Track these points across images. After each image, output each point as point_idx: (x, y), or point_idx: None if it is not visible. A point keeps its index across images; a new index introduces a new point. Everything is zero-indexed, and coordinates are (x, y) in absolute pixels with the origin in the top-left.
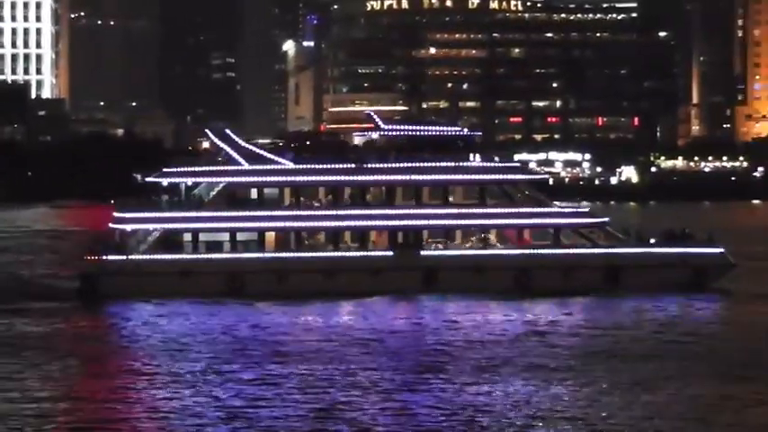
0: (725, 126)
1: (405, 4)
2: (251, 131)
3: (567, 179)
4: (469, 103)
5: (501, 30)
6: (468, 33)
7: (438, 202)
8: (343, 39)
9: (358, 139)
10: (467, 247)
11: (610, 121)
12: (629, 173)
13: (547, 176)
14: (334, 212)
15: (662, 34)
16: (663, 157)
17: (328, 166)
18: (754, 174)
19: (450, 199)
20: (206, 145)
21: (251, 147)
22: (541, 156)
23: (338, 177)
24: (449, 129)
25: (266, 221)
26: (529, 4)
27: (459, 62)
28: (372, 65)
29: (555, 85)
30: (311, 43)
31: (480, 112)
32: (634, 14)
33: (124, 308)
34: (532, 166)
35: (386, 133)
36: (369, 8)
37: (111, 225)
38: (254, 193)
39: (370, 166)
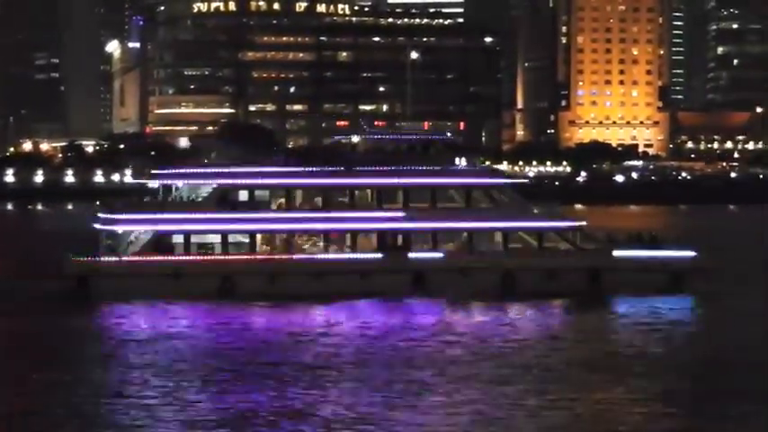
0: (549, 131)
1: (232, 7)
2: (76, 133)
3: None
4: (297, 107)
5: (328, 33)
6: (296, 36)
7: (426, 206)
8: (169, 40)
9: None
10: (454, 249)
11: (435, 125)
12: None
13: (527, 180)
14: (324, 215)
15: (488, 40)
16: (488, 162)
17: (318, 169)
18: (577, 178)
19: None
20: (28, 146)
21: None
22: None
23: (328, 180)
24: (433, 134)
25: (257, 223)
26: (356, 7)
27: (287, 65)
28: (199, 67)
29: (382, 88)
30: (137, 44)
31: (307, 116)
32: (460, 20)
33: (120, 309)
34: None
35: (370, 137)
36: (195, 10)
37: (98, 226)
38: (244, 195)
39: (359, 169)
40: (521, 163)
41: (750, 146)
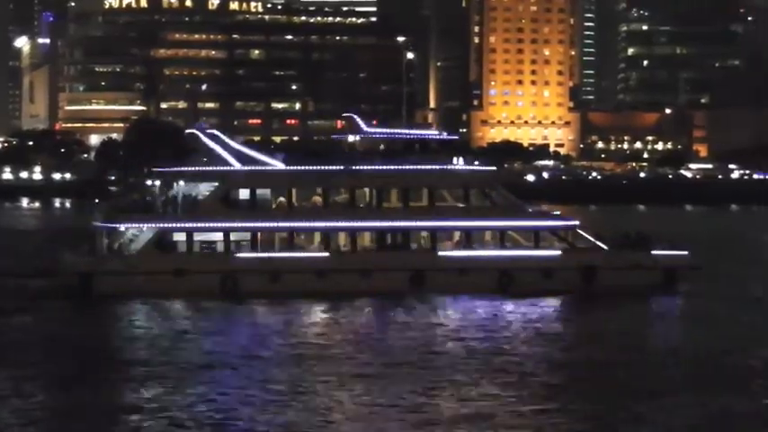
0: (461, 130)
1: (143, 3)
2: None
3: None
4: (208, 104)
5: (241, 31)
6: (208, 34)
7: (425, 205)
8: (79, 36)
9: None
10: (452, 248)
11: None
12: None
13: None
14: (324, 213)
15: (399, 39)
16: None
17: (319, 168)
18: None
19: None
20: None
21: (242, 148)
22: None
23: (329, 179)
24: (430, 133)
25: (260, 222)
26: (269, 6)
27: (198, 63)
28: (110, 63)
29: (294, 87)
30: (47, 40)
31: (219, 113)
32: (373, 18)
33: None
34: None
35: (367, 136)
36: (107, 6)
37: (98, 224)
38: (246, 194)
39: (359, 168)
40: None
41: (659, 146)
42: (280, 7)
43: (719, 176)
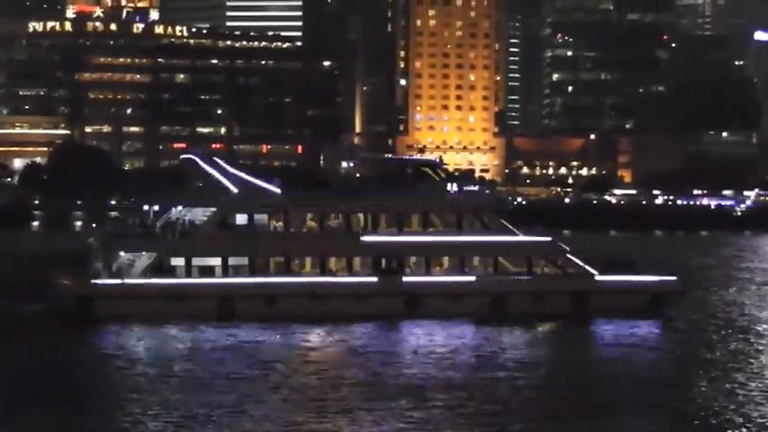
0: (387, 155)
1: (68, 27)
2: None
3: None
4: (133, 128)
5: (166, 55)
6: (133, 58)
7: (419, 230)
8: (3, 60)
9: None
10: (445, 273)
11: (274, 149)
12: None
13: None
14: (320, 238)
15: (326, 63)
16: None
17: (314, 193)
18: None
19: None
20: None
21: (239, 173)
22: None
23: (324, 204)
24: (423, 159)
25: (257, 247)
26: (194, 30)
27: (123, 86)
28: (34, 87)
29: (219, 111)
30: None
31: (144, 137)
32: (299, 43)
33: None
34: None
35: (361, 162)
36: (30, 29)
37: (97, 248)
38: (243, 219)
39: (353, 193)
40: None
41: (584, 172)
42: (205, 31)
43: (644, 202)
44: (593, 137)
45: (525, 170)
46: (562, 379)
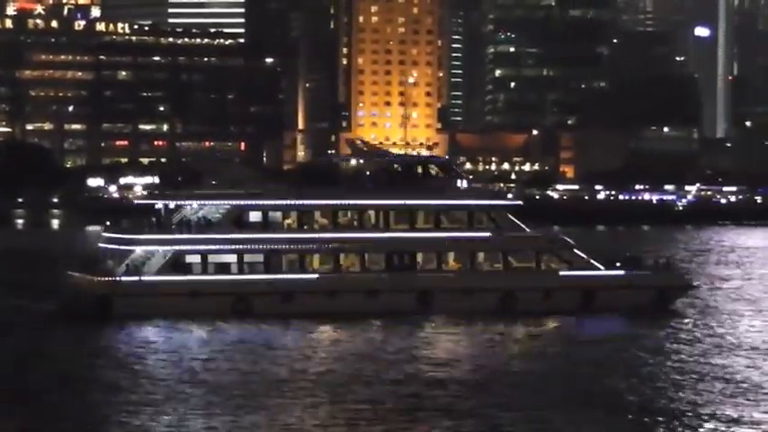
0: (330, 152)
1: (8, 24)
2: None
3: None
4: (75, 126)
5: (108, 52)
6: (74, 55)
7: (430, 226)
8: None
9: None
10: (457, 269)
11: (217, 146)
12: None
13: (521, 202)
14: (334, 235)
15: (268, 60)
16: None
17: (328, 190)
18: None
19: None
20: None
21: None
22: (148, 179)
23: (337, 201)
24: (433, 156)
25: (272, 243)
26: (136, 27)
27: (65, 84)
28: None
29: (162, 108)
30: None
31: (86, 135)
32: (241, 40)
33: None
34: (137, 189)
35: (372, 159)
36: None
37: (105, 245)
38: (258, 216)
39: (365, 190)
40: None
41: (527, 167)
42: (147, 28)
43: (586, 197)
44: (535, 133)
45: (468, 166)
46: (477, 376)
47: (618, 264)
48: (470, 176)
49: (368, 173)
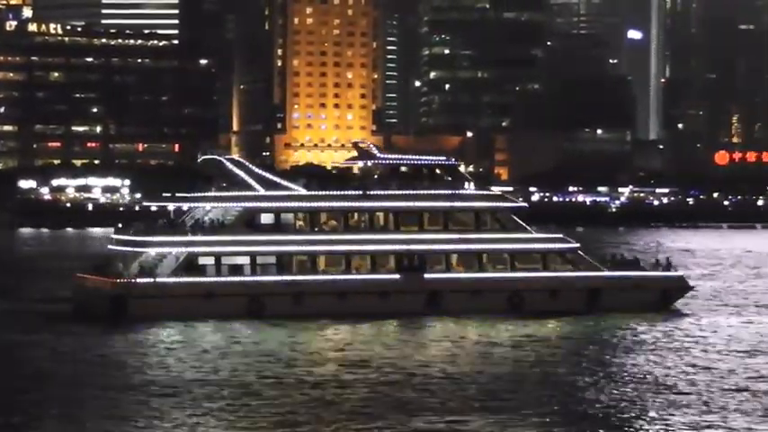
0: (264, 154)
1: None
2: None
3: (106, 205)
4: (7, 127)
5: (40, 53)
6: (6, 56)
7: (439, 228)
8: None
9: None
10: (465, 270)
11: (150, 147)
12: None
13: (526, 204)
14: (344, 237)
15: (203, 62)
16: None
17: (338, 192)
18: None
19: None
20: None
21: (266, 173)
22: (81, 181)
23: (348, 203)
24: (440, 159)
25: (285, 245)
26: (69, 27)
27: None
28: None
29: (95, 110)
30: None
31: (18, 137)
32: (175, 41)
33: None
34: (70, 191)
35: (380, 162)
36: None
37: (115, 247)
38: (270, 218)
39: (375, 193)
40: None
41: (461, 169)
42: (80, 29)
43: (520, 199)
44: (470, 135)
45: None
46: (388, 377)
47: (619, 265)
48: None
49: (375, 176)
